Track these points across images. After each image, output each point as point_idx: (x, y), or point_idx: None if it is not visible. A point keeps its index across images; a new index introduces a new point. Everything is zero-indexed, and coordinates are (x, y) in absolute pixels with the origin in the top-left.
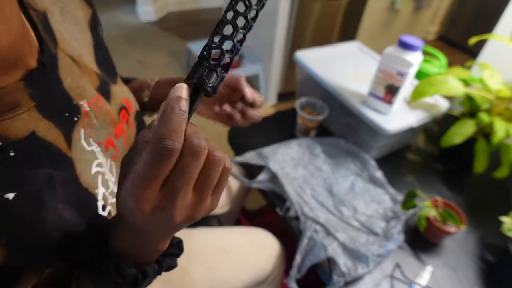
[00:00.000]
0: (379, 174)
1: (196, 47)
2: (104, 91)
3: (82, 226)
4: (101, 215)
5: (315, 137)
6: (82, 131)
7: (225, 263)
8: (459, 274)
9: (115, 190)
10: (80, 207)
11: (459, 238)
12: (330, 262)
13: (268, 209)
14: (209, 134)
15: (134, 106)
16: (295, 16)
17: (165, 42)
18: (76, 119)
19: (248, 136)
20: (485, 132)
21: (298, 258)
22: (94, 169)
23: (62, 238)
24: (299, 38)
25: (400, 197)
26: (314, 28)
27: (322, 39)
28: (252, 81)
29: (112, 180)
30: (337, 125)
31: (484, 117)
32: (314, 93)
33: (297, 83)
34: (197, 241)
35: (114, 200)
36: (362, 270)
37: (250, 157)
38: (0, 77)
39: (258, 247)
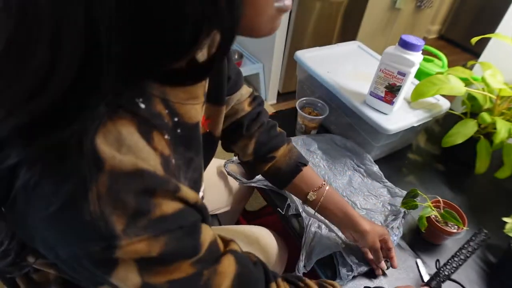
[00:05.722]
0: (375, 168)
1: None
2: None
3: None
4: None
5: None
6: None
7: None
8: (461, 275)
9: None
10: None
11: (460, 238)
12: (334, 257)
13: (267, 210)
14: None
15: (211, 129)
16: (295, 16)
17: None
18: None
19: None
20: (487, 132)
21: (303, 253)
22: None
23: None
24: (299, 38)
25: (397, 190)
26: (314, 27)
27: (322, 39)
28: (252, 81)
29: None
30: (337, 125)
31: (486, 116)
32: (314, 93)
33: (297, 82)
34: None
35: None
36: (367, 265)
37: None
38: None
39: (262, 246)
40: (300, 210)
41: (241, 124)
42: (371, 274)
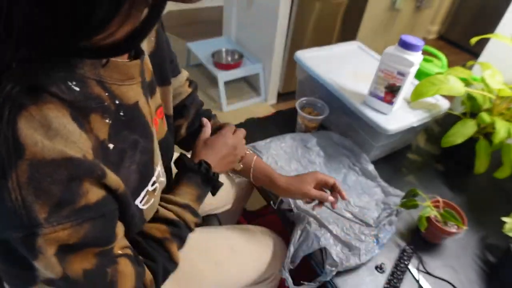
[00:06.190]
0: (371, 167)
1: (196, 46)
2: (152, 87)
3: (136, 191)
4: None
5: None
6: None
7: (231, 259)
8: (460, 275)
9: (161, 171)
10: (142, 175)
11: (460, 238)
12: (323, 252)
13: (267, 210)
14: None
15: (165, 110)
16: (295, 16)
17: None
18: (150, 100)
19: (248, 136)
20: (486, 132)
21: (291, 249)
22: (157, 148)
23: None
24: (299, 38)
25: (391, 189)
26: (314, 28)
27: (322, 39)
28: (252, 81)
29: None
30: (337, 125)
31: (485, 117)
32: (314, 93)
33: (297, 83)
34: (204, 238)
35: (162, 179)
36: (354, 261)
37: None
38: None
39: (262, 246)
40: (292, 206)
41: (185, 106)
42: (356, 270)
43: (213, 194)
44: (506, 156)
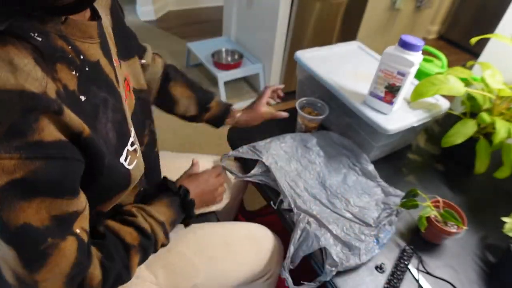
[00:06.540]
0: (371, 167)
1: (196, 46)
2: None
3: (117, 149)
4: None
5: None
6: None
7: (225, 255)
8: (460, 275)
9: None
10: (119, 134)
11: (460, 238)
12: (323, 252)
13: (267, 209)
14: (210, 135)
15: (131, 83)
16: (295, 16)
17: (165, 41)
18: (115, 65)
19: (248, 135)
20: (486, 132)
21: (291, 249)
22: (128, 114)
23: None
24: (299, 38)
25: (391, 189)
26: (314, 28)
27: (322, 39)
28: (252, 81)
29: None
30: (337, 125)
31: (485, 117)
32: (314, 93)
33: (297, 83)
34: (199, 233)
35: (136, 146)
36: (354, 261)
37: (244, 151)
38: (82, 15)
39: (258, 243)
40: (292, 206)
41: (169, 73)
42: (356, 270)
43: (186, 224)
44: (506, 156)
